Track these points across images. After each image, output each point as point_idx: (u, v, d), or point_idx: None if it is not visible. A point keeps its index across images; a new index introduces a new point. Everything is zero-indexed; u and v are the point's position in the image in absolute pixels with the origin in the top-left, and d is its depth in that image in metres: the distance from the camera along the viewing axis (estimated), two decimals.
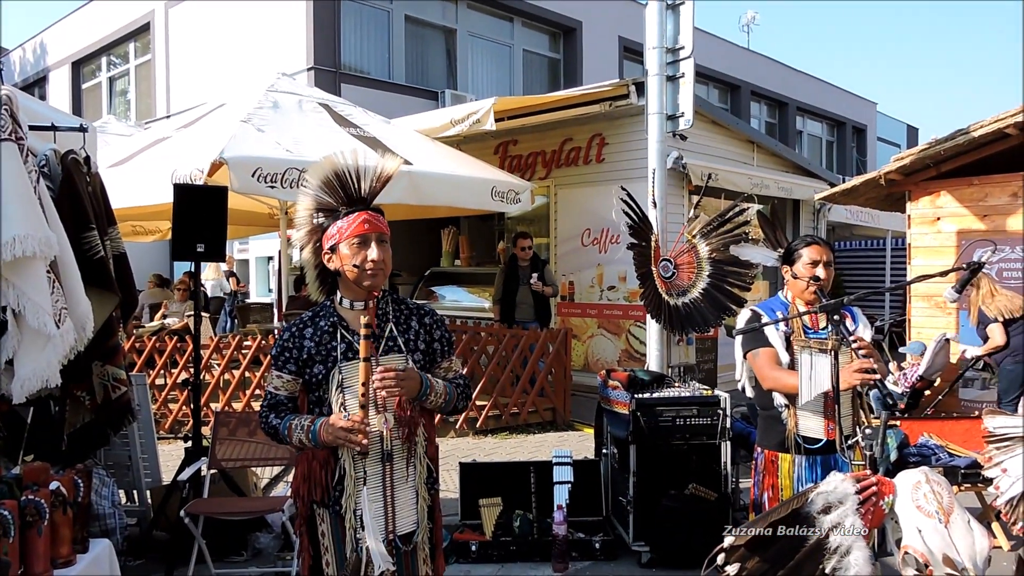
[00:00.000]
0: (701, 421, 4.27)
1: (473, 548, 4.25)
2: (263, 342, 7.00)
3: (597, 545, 4.30)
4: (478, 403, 7.06)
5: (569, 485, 4.39)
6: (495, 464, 5.09)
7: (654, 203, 5.66)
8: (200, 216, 4.48)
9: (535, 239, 8.79)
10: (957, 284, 2.48)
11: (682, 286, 5.47)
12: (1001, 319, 5.92)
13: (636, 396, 4.32)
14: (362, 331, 2.17)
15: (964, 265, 2.43)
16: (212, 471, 4.26)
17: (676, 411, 4.29)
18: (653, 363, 5.69)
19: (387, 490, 2.27)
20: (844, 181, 8.45)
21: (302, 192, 2.35)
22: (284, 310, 7.51)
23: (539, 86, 14.62)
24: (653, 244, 5.44)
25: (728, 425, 4.29)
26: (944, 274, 2.53)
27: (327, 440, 2.18)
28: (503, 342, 7.33)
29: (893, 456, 4.21)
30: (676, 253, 5.49)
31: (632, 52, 15.28)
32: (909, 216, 7.21)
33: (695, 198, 6.25)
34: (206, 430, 4.66)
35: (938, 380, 6.59)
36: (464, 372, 2.39)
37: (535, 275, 7.65)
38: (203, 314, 8.94)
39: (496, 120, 7.79)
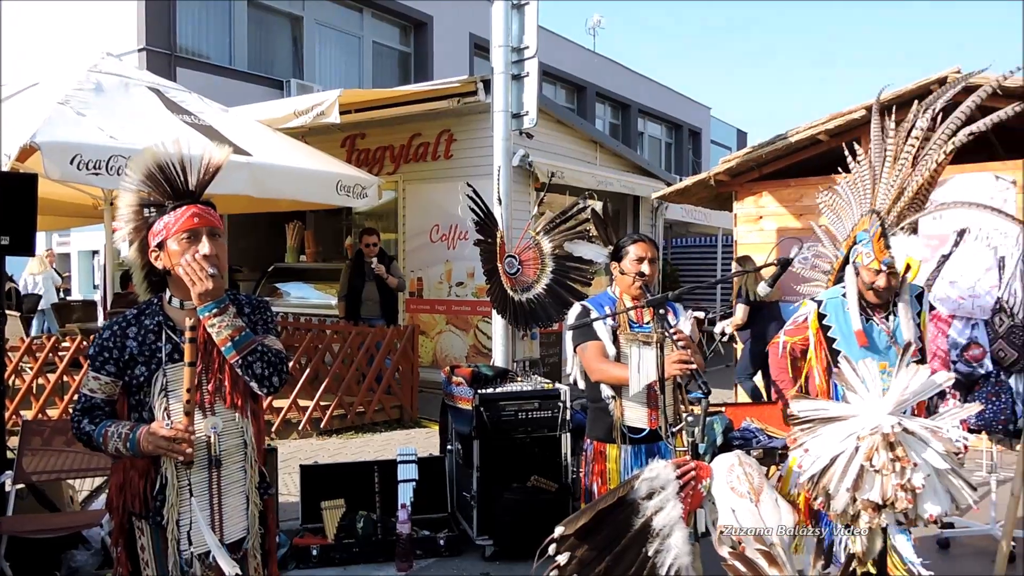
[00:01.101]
0: (542, 414, 4.37)
1: (314, 552, 4.13)
2: (84, 343, 6.48)
3: (442, 542, 4.30)
4: (322, 403, 6.88)
5: (414, 483, 4.36)
6: (338, 465, 4.98)
7: (499, 200, 5.73)
8: (5, 206, 4.07)
9: (384, 234, 8.68)
10: (769, 279, 2.66)
11: (526, 282, 5.56)
12: (753, 300, 6.72)
13: (479, 392, 4.36)
14: (187, 334, 2.05)
15: (776, 261, 2.62)
16: (19, 486, 3.89)
17: (518, 405, 4.36)
18: (498, 358, 5.76)
19: (214, 497, 2.16)
20: (680, 181, 8.92)
21: (123, 187, 2.18)
22: (109, 308, 6.99)
23: (389, 79, 14.43)
24: (498, 240, 5.50)
25: (568, 417, 4.40)
26: (758, 270, 2.72)
27: (148, 449, 2.05)
28: (348, 339, 7.18)
29: (719, 441, 4.47)
30: (520, 249, 5.58)
31: (483, 49, 15.40)
32: (735, 215, 7.73)
33: (542, 195, 6.39)
34: (14, 440, 4.25)
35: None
36: (283, 349, 2.28)
37: (374, 259, 7.54)
38: (12, 313, 8.18)
39: (343, 113, 7.63)
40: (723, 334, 7.12)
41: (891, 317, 2.99)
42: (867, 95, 6.56)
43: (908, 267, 2.89)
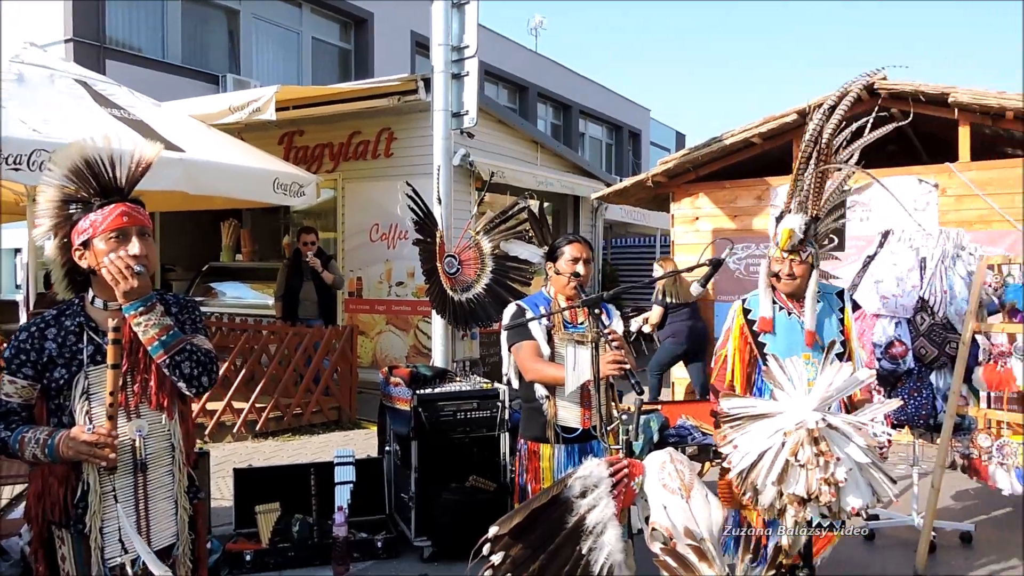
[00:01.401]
0: (481, 414, 4.37)
1: (248, 557, 4.04)
2: (4, 345, 6.22)
3: (379, 544, 4.26)
4: (258, 405, 6.75)
5: (351, 485, 4.33)
6: (273, 468, 4.90)
7: (439, 199, 5.71)
8: None
9: (323, 233, 8.57)
10: (702, 279, 2.71)
11: (466, 282, 5.56)
12: (670, 301, 7.16)
13: (418, 392, 4.34)
14: (111, 335, 1.99)
15: (708, 261, 2.67)
16: None
17: (457, 405, 4.36)
18: (438, 358, 5.75)
19: (140, 503, 2.11)
20: (620, 182, 9.03)
21: (45, 182, 2.10)
22: (32, 309, 6.72)
23: (329, 76, 14.24)
24: (438, 240, 5.48)
25: (507, 417, 4.41)
26: (690, 270, 2.77)
27: (68, 455, 1.98)
28: (285, 340, 7.06)
29: (656, 438, 4.55)
30: (460, 249, 5.57)
31: (424, 47, 15.26)
32: (673, 216, 7.86)
33: (482, 195, 6.40)
34: None
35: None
36: (212, 349, 2.24)
37: (310, 253, 7.45)
38: None
39: (280, 109, 7.50)
40: (639, 332, 7.42)
41: None
42: (806, 98, 6.76)
43: (787, 234, 2.95)
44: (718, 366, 3.22)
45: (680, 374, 7.84)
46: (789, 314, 3.02)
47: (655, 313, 7.25)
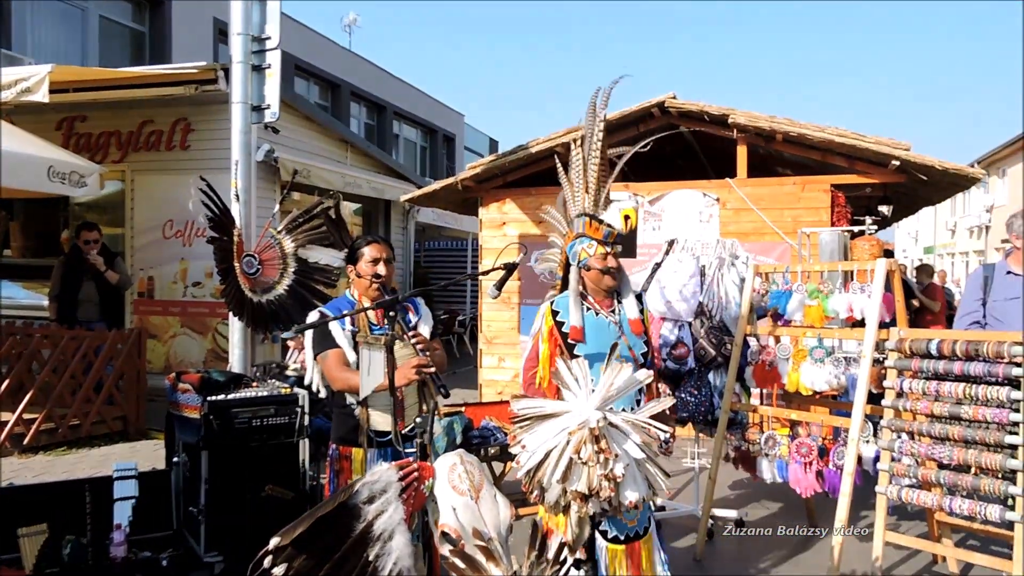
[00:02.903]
0: (279, 420, 4.18)
1: None
2: None
3: (165, 562, 3.96)
4: (26, 416, 6.07)
5: (133, 501, 4.01)
6: (39, 486, 4.43)
7: (237, 196, 5.45)
8: None
9: (109, 229, 7.90)
10: (497, 283, 2.77)
11: (267, 283, 5.34)
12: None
13: (208, 399, 4.09)
14: None
15: (502, 265, 2.73)
16: None
17: (252, 412, 4.14)
18: (236, 363, 5.48)
19: None
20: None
21: None
22: None
23: (120, 59, 13.13)
24: (236, 239, 5.22)
25: (307, 423, 4.27)
26: (485, 273, 2.82)
27: None
28: (60, 344, 6.40)
29: (459, 440, 4.58)
30: (261, 248, 5.34)
31: (228, 36, 14.50)
32: (481, 220, 8.00)
33: (284, 193, 6.17)
34: None
35: None
36: None
37: (93, 251, 6.87)
38: None
39: (58, 91, 6.80)
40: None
41: (616, 310, 3.05)
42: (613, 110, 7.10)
43: (628, 217, 2.97)
44: (528, 370, 3.10)
45: (488, 376, 8.00)
46: (597, 314, 2.98)
47: None
